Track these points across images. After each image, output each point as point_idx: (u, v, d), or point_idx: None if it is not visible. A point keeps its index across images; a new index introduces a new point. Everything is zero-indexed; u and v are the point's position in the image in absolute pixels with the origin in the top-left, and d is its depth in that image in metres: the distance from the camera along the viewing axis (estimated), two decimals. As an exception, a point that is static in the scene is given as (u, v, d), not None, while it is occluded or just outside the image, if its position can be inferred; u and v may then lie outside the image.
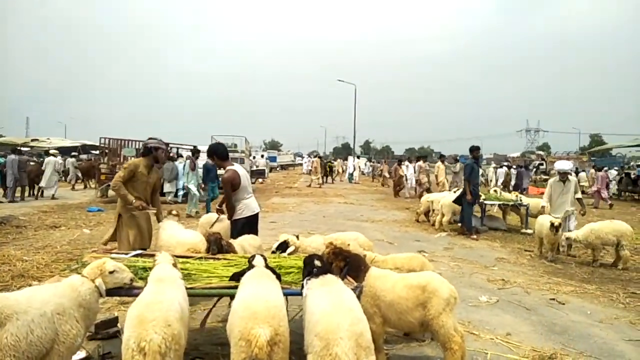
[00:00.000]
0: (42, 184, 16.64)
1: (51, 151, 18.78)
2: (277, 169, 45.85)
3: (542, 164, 36.54)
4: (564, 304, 5.43)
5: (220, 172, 6.21)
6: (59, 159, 18.83)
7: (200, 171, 13.28)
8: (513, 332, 4.47)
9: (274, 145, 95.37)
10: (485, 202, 11.36)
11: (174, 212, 5.84)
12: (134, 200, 5.07)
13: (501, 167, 25.04)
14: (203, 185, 12.94)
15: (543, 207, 8.55)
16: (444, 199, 11.12)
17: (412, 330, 3.55)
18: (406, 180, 19.70)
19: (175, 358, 2.34)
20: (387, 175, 29.31)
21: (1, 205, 13.87)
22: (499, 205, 11.64)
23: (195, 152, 13.96)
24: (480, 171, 14.85)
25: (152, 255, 3.80)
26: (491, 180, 23.21)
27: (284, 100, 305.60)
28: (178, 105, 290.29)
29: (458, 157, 21.54)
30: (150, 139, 5.47)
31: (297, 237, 4.90)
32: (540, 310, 5.17)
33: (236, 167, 5.35)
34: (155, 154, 5.37)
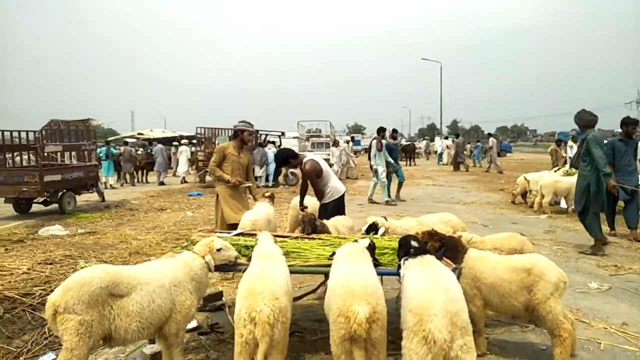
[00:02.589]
0: (179, 170, 18.93)
1: (183, 140, 20.35)
2: (361, 152, 45.70)
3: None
4: (691, 293, 4.83)
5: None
6: (190, 147, 20.34)
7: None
8: (630, 322, 4.07)
9: (357, 129, 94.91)
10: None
11: (267, 193, 6.07)
12: (230, 178, 5.47)
13: None
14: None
15: None
16: (543, 179, 10.35)
17: (517, 314, 3.37)
18: (566, 163, 15.27)
19: (282, 330, 2.45)
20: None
21: (116, 191, 15.52)
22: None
23: (381, 130, 12.18)
24: None
25: (253, 235, 4.01)
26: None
27: (367, 85, 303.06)
28: (267, 95, 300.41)
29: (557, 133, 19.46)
30: (239, 122, 5.80)
31: (385, 218, 4.88)
32: (662, 300, 4.65)
33: (309, 155, 5.49)
34: (242, 135, 5.71)
